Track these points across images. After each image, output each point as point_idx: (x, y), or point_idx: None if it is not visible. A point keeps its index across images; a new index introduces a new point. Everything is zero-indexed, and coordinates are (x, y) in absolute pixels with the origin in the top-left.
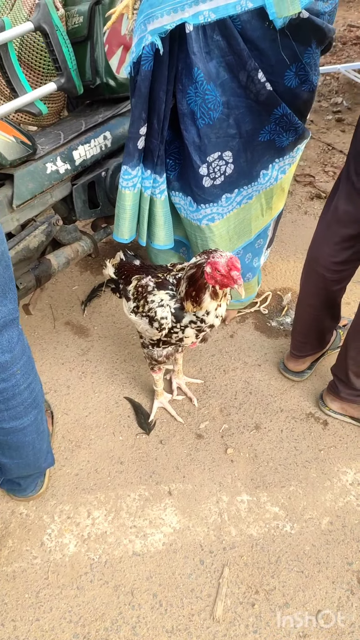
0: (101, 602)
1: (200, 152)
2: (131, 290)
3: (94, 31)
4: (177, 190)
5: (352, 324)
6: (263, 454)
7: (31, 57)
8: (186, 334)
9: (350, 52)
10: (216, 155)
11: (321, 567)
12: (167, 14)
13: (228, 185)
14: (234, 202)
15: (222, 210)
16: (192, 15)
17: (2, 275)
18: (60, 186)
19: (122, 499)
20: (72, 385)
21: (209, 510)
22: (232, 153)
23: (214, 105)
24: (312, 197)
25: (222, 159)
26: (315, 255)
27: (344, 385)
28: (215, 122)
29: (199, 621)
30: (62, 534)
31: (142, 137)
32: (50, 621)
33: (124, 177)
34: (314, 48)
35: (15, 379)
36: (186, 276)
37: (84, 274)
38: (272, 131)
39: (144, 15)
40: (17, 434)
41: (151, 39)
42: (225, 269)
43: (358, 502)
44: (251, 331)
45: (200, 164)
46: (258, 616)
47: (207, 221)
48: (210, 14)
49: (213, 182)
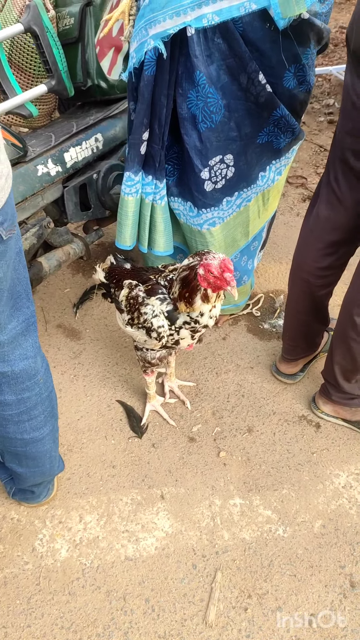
0: (93, 608)
1: (201, 156)
2: (123, 301)
3: (85, 33)
4: (176, 195)
5: (335, 329)
6: (255, 457)
7: (21, 59)
8: (181, 335)
9: (342, 54)
10: (218, 158)
11: (314, 570)
12: (170, 18)
13: (229, 188)
14: (234, 205)
15: (223, 214)
16: (195, 19)
17: (22, 273)
18: (52, 188)
19: (114, 503)
20: (64, 389)
21: (201, 514)
22: (233, 156)
23: (216, 108)
24: (305, 198)
25: (224, 162)
26: (299, 262)
27: (334, 389)
28: (217, 125)
29: (191, 626)
30: (54, 539)
31: (144, 142)
32: (41, 627)
33: (127, 183)
34: (312, 48)
35: (39, 388)
36: (179, 278)
37: (75, 276)
38: (270, 133)
39: (145, 20)
40: (37, 444)
41: (154, 44)
42: (218, 271)
43: (350, 505)
44: (244, 334)
45: (202, 168)
46: (251, 620)
47: (208, 226)
48: (213, 16)
49: (214, 185)
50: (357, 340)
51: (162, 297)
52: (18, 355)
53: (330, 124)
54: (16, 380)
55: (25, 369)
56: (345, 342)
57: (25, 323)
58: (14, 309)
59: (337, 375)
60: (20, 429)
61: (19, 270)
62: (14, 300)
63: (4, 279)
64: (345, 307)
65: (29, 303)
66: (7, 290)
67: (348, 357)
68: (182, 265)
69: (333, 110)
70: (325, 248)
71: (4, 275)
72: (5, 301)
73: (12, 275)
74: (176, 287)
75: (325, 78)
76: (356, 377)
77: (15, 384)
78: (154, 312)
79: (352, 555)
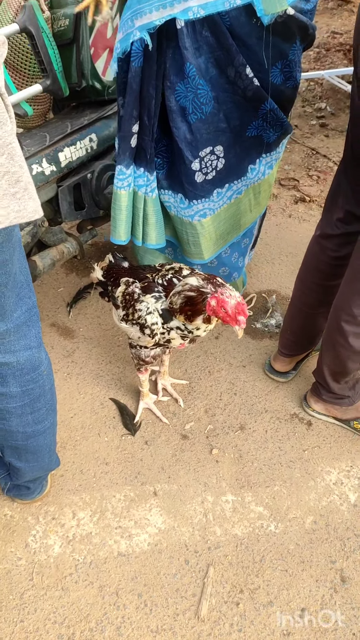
0: (86, 603)
1: (192, 148)
2: (119, 297)
3: (80, 34)
4: (166, 188)
5: (324, 333)
6: (248, 454)
7: (17, 59)
8: (171, 335)
9: (334, 59)
10: (208, 150)
11: (305, 565)
12: (156, 9)
13: (219, 180)
14: (224, 197)
15: (214, 205)
16: (181, 11)
17: (23, 263)
18: (46, 188)
19: (107, 499)
20: (58, 387)
21: (194, 511)
22: (222, 147)
23: (206, 99)
24: (297, 200)
25: (214, 153)
26: (316, 251)
27: (325, 389)
28: (208, 116)
29: (183, 620)
30: (47, 535)
31: (134, 135)
32: (34, 622)
33: (119, 177)
34: (298, 44)
35: (42, 380)
36: (185, 295)
37: (69, 275)
38: (260, 127)
39: (132, 12)
40: (38, 438)
41: (139, 35)
42: (233, 311)
43: (341, 501)
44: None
45: (192, 159)
46: (242, 615)
47: (199, 217)
48: (199, 10)
49: (205, 177)
50: (344, 346)
51: (158, 295)
52: (23, 346)
53: (322, 127)
54: (21, 371)
55: (30, 360)
56: (333, 346)
57: (28, 313)
58: (18, 297)
59: (327, 377)
60: (22, 421)
61: (20, 260)
62: (18, 289)
63: (9, 261)
64: (334, 312)
65: (31, 293)
66: (13, 275)
67: (336, 361)
68: (190, 284)
69: (325, 114)
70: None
71: (10, 258)
72: (11, 286)
73: (16, 261)
74: (177, 299)
75: (317, 82)
76: (345, 379)
77: (20, 375)
78: (149, 309)
79: (343, 551)
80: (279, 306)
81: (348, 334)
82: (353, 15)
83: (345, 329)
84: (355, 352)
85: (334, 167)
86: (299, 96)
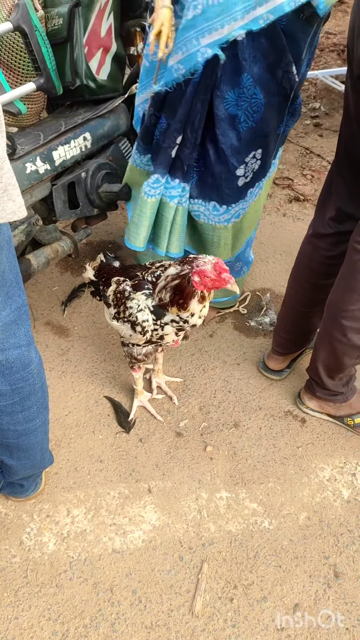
0: (80, 600)
1: (238, 155)
2: (110, 295)
3: (74, 33)
4: (196, 197)
5: (319, 330)
6: (242, 451)
7: (10, 58)
8: (165, 331)
9: (328, 59)
10: (252, 154)
11: (299, 561)
12: (228, 23)
13: (254, 180)
14: (253, 195)
15: (246, 205)
16: (251, 21)
17: (12, 261)
18: (40, 186)
19: (101, 497)
20: (52, 385)
21: (188, 507)
22: (262, 150)
23: (257, 107)
24: (291, 199)
25: (255, 157)
26: (309, 251)
27: (319, 386)
28: (257, 123)
29: (178, 616)
30: (42, 532)
31: (176, 146)
32: (29, 619)
33: (154, 185)
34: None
35: (33, 378)
36: (170, 287)
37: (64, 274)
38: (286, 122)
39: (196, 30)
40: (29, 436)
41: (212, 52)
42: (215, 274)
43: (335, 497)
44: (230, 331)
45: (238, 165)
46: (236, 610)
47: (234, 219)
48: (268, 15)
49: (245, 180)
50: (342, 342)
51: (148, 292)
52: (12, 344)
53: (316, 127)
54: (10, 370)
55: (19, 358)
56: (330, 342)
57: (18, 311)
58: (7, 296)
59: (321, 373)
60: (13, 420)
61: (9, 258)
62: (7, 287)
63: None
64: (330, 308)
65: (20, 292)
66: (1, 273)
67: (332, 357)
68: (171, 274)
69: (319, 114)
70: (334, 235)
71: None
72: (0, 284)
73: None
74: (165, 294)
75: (311, 82)
76: (340, 375)
77: (9, 373)
78: (139, 306)
79: (336, 547)
80: (273, 304)
81: (346, 329)
82: (347, 15)
83: (343, 324)
84: (353, 347)
85: (327, 167)
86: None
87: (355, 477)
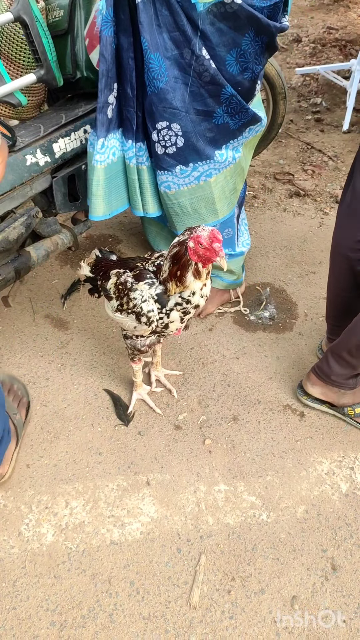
0: (78, 591)
1: (150, 119)
2: (111, 288)
3: (75, 25)
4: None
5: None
6: (240, 444)
7: (11, 49)
8: (172, 318)
9: (330, 54)
10: (164, 124)
11: (296, 554)
12: None
13: (181, 157)
14: (190, 177)
15: (177, 180)
16: None
17: None
18: (40, 178)
19: (100, 489)
20: (51, 378)
21: (186, 500)
22: (180, 126)
23: (157, 74)
24: (291, 194)
25: (171, 129)
26: (338, 238)
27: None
28: (160, 91)
29: (175, 608)
30: (40, 523)
31: (110, 105)
32: (27, 609)
33: (100, 150)
34: (253, 36)
35: None
36: (169, 255)
37: (64, 267)
38: (225, 114)
39: None
40: None
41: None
42: (207, 242)
43: (333, 491)
44: (230, 325)
45: (152, 130)
46: (234, 602)
47: (165, 188)
48: None
49: (165, 150)
50: None
51: (151, 281)
52: None
53: (317, 122)
54: None
55: None
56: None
57: None
58: None
59: (346, 357)
60: None
61: None
62: None
63: None
64: None
65: None
66: None
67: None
68: (173, 243)
69: (320, 109)
70: None
71: None
72: None
73: None
74: (166, 265)
75: (312, 77)
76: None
77: None
78: (143, 296)
79: (334, 540)
80: (272, 299)
81: None
82: (349, 10)
83: None
84: None
85: (328, 162)
86: (295, 91)
87: (353, 471)
